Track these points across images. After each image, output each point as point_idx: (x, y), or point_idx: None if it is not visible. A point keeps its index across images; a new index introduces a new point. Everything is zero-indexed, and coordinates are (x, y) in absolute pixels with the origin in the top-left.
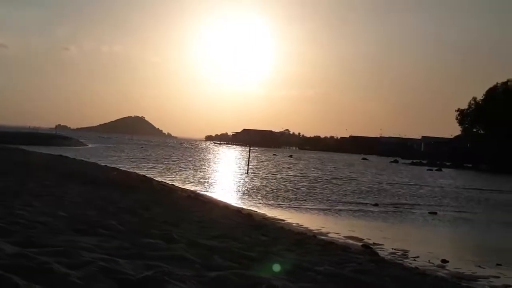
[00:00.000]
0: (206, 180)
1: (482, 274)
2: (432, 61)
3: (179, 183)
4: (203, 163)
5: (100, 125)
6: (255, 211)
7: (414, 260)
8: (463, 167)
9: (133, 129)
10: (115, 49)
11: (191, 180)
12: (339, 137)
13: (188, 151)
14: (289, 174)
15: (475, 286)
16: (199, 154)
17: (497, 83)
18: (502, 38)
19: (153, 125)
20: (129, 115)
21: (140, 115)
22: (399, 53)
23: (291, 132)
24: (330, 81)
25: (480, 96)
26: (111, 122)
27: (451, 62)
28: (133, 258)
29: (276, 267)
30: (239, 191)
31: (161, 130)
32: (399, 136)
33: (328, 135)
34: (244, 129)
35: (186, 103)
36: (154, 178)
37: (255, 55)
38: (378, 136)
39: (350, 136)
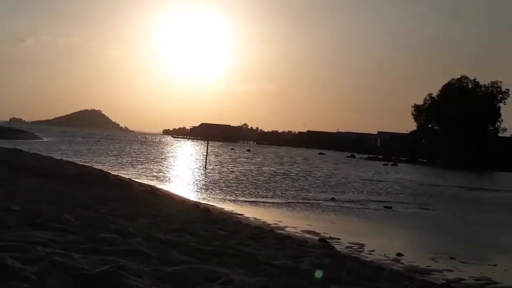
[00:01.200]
0: (164, 175)
1: (436, 267)
2: (389, 58)
3: (136, 177)
4: (160, 157)
5: (56, 118)
6: (212, 205)
7: (370, 253)
8: (418, 162)
9: (90, 123)
10: (72, 41)
11: (148, 174)
12: (296, 132)
13: (145, 145)
14: (247, 169)
15: (429, 279)
16: (156, 148)
17: (452, 80)
18: (458, 35)
19: (110, 119)
20: (86, 108)
21: (97, 109)
22: (357, 49)
23: (249, 127)
24: (289, 77)
25: (435, 93)
26: (67, 115)
27: (407, 58)
28: (89, 253)
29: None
30: (196, 186)
31: (118, 124)
32: (356, 132)
33: (286, 130)
34: (202, 123)
35: (144, 97)
36: (111, 172)
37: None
38: (335, 131)
39: (307, 131)
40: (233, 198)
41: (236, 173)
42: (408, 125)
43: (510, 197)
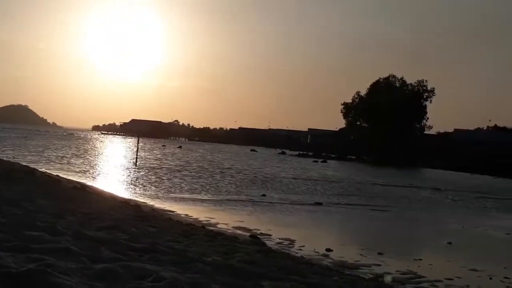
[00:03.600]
0: (93, 171)
1: (364, 262)
2: (319, 56)
3: (64, 174)
4: (89, 153)
5: None
6: (143, 202)
7: (300, 249)
8: (347, 159)
9: (16, 118)
10: None
11: (77, 170)
12: (228, 129)
13: (74, 141)
14: (179, 165)
15: (357, 274)
16: (85, 144)
17: (379, 78)
18: (387, 35)
19: (37, 114)
20: (12, 104)
21: (23, 104)
22: (288, 47)
23: (180, 123)
24: (221, 74)
25: (364, 91)
26: None
27: (338, 57)
28: (16, 251)
29: None
30: (127, 182)
31: (46, 120)
32: (287, 129)
33: (218, 127)
34: (132, 119)
35: (73, 92)
36: (38, 169)
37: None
38: (267, 128)
39: (239, 128)
40: (164, 195)
41: (167, 169)
42: (337, 122)
43: (437, 194)
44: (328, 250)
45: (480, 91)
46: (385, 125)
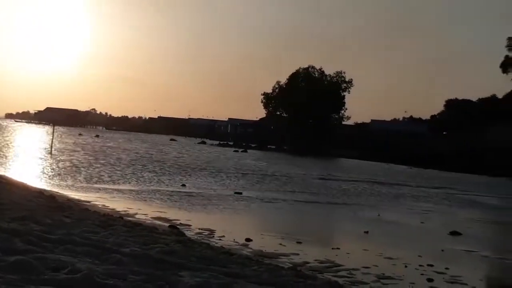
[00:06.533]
0: (5, 161)
1: (283, 251)
2: (240, 46)
3: None
4: (1, 142)
5: None
6: (58, 192)
7: (220, 239)
8: (267, 148)
9: None
10: None
11: None
12: (147, 118)
13: None
14: (96, 155)
15: (276, 263)
16: None
17: (299, 68)
18: (309, 26)
19: None
20: None
21: None
22: (210, 38)
23: (98, 112)
24: (141, 63)
25: (284, 81)
26: None
27: (259, 47)
28: None
29: None
30: (41, 172)
31: None
32: (207, 118)
33: (137, 116)
34: (47, 108)
35: None
36: None
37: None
38: (187, 117)
39: (158, 117)
40: (81, 185)
41: (84, 158)
42: (258, 113)
43: (354, 184)
44: (248, 240)
45: (398, 83)
46: (304, 115)
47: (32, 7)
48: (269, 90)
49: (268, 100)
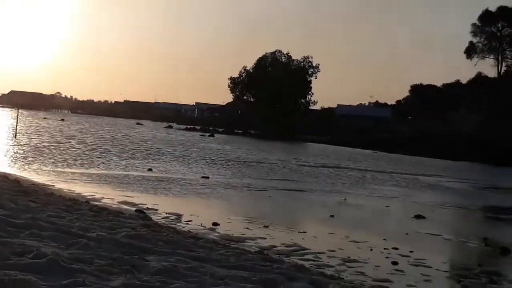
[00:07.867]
0: None
1: (250, 235)
2: (208, 31)
3: None
4: None
5: None
6: (23, 176)
7: (187, 223)
8: (234, 132)
9: None
10: None
11: None
12: (113, 102)
13: None
14: (62, 138)
15: (243, 247)
16: None
17: (266, 53)
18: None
19: None
20: None
21: None
22: (177, 22)
23: (63, 95)
24: (107, 45)
25: (250, 66)
26: None
27: (226, 32)
28: None
29: None
30: (5, 156)
31: None
32: (174, 102)
33: (102, 100)
34: (11, 91)
35: None
36: None
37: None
38: (153, 102)
39: (124, 100)
40: (46, 169)
41: (49, 142)
42: (225, 97)
43: (320, 168)
44: (215, 224)
45: (364, 69)
46: (270, 99)
47: None
48: (237, 75)
49: (235, 85)
